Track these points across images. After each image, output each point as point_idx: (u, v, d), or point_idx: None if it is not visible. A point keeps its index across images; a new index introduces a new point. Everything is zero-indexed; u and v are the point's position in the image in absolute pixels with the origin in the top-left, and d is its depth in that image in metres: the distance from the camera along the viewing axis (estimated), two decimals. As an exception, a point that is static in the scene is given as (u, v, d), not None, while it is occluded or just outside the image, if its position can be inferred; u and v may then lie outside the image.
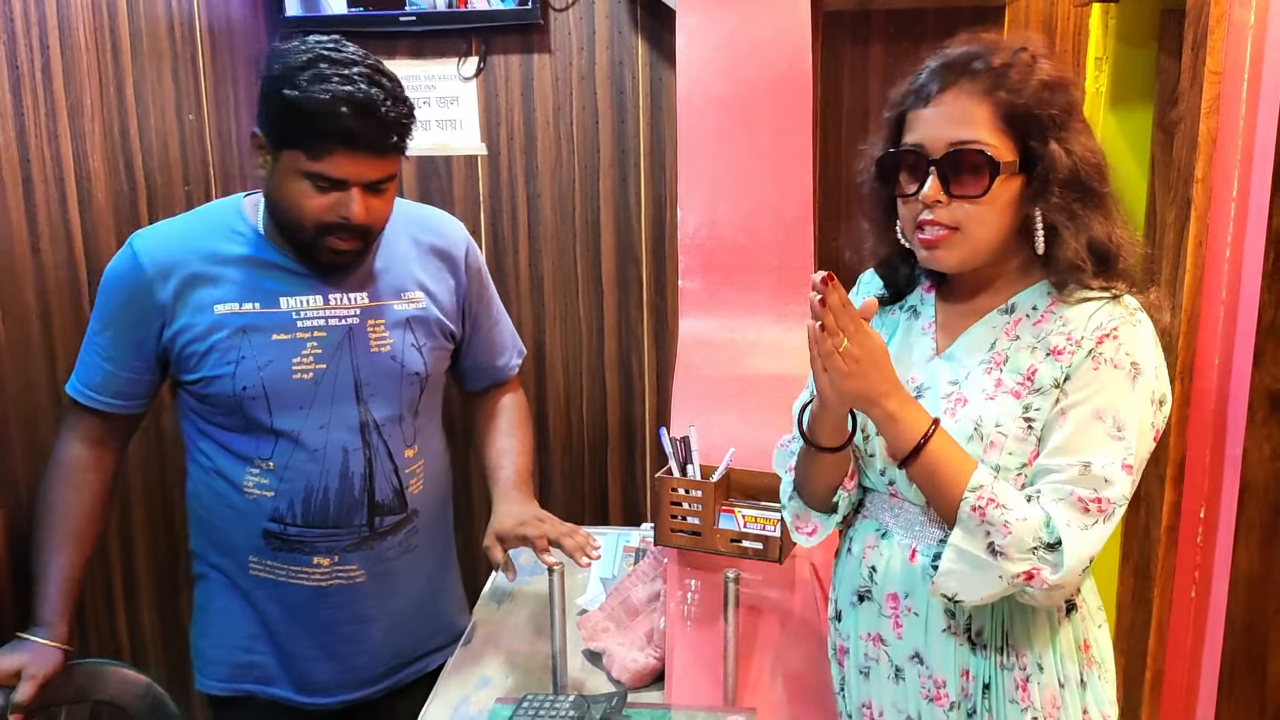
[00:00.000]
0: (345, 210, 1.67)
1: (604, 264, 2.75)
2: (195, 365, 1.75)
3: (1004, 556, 1.28)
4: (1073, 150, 1.30)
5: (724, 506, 1.74)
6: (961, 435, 1.35)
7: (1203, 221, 1.78)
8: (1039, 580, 1.28)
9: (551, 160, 2.72)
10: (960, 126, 1.31)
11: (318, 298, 1.78)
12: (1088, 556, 1.28)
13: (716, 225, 2.01)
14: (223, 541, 1.85)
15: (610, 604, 1.99)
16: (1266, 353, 1.66)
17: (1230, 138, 1.73)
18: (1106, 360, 1.29)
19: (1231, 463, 1.75)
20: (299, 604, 1.84)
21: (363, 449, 1.82)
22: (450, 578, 2.11)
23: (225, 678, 1.91)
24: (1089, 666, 1.41)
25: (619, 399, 2.81)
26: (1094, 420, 1.28)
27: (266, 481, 1.79)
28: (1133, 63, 2.33)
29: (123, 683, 1.84)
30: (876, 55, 2.59)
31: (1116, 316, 1.31)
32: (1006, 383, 1.35)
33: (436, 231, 1.95)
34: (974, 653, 1.40)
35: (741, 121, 2.03)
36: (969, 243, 1.35)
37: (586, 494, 2.88)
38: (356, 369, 1.80)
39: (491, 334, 2.07)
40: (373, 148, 1.65)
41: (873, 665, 1.51)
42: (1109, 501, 1.27)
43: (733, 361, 1.96)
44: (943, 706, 1.43)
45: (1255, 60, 1.68)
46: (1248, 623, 1.74)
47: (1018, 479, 1.33)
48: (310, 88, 1.60)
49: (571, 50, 2.66)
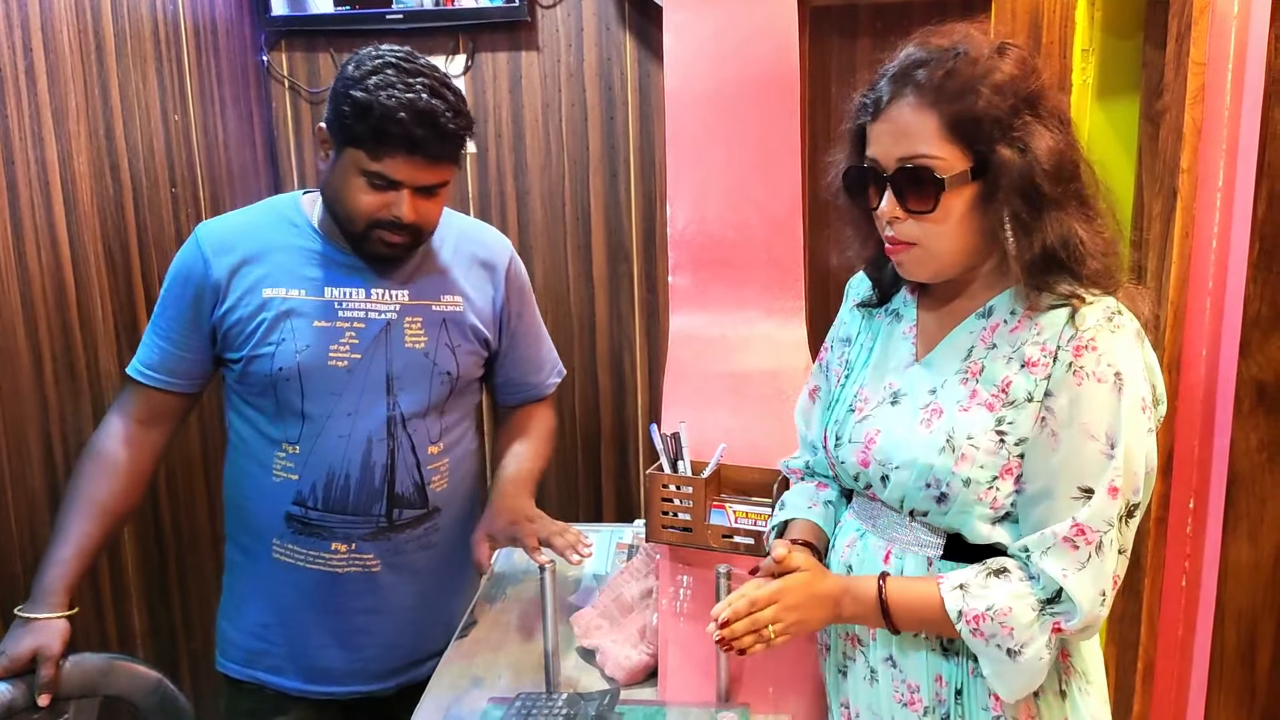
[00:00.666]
0: (396, 210, 1.76)
1: (594, 261, 2.75)
2: (240, 344, 1.83)
3: (1022, 650, 1.29)
4: (1030, 149, 1.25)
5: (715, 502, 1.74)
6: (934, 447, 1.33)
7: (1188, 212, 1.78)
8: (1066, 630, 1.28)
9: (540, 157, 2.72)
10: (907, 141, 1.29)
11: (360, 290, 1.86)
12: (1098, 590, 1.26)
13: (706, 221, 2.01)
14: (251, 523, 1.92)
15: (603, 601, 1.99)
16: (1253, 343, 1.67)
17: (1215, 128, 1.73)
18: (1089, 374, 1.25)
19: (1219, 453, 1.75)
20: (315, 589, 1.90)
21: (387, 440, 1.87)
22: (468, 580, 2.13)
23: (241, 660, 1.97)
24: (1068, 676, 1.38)
25: (611, 396, 2.81)
26: (1086, 440, 1.26)
27: (292, 465, 1.85)
28: (1119, 54, 2.34)
29: (133, 678, 1.84)
30: (864, 49, 2.59)
31: (1091, 325, 1.26)
32: (981, 394, 1.33)
33: (482, 243, 2.03)
34: (946, 658, 1.39)
35: (730, 117, 2.03)
36: (931, 256, 1.33)
37: (580, 491, 2.88)
38: (390, 362, 1.86)
39: (531, 350, 2.12)
40: (430, 155, 1.73)
41: (850, 665, 1.51)
42: (1090, 529, 1.26)
43: (723, 357, 1.96)
44: (916, 711, 1.41)
45: (1239, 50, 1.69)
46: (1237, 612, 1.75)
47: (989, 491, 1.31)
48: (378, 92, 1.70)
49: (560, 47, 2.65)
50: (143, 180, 2.31)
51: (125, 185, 2.26)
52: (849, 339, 1.57)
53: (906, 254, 1.34)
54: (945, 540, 1.38)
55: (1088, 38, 2.41)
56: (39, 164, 2.02)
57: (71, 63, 2.10)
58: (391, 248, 1.81)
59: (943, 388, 1.37)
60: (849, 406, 1.48)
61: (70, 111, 2.10)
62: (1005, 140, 1.26)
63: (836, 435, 1.48)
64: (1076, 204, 1.29)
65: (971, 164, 1.27)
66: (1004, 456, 1.31)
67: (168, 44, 2.40)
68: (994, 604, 1.29)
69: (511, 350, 2.08)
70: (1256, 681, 1.73)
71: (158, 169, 2.36)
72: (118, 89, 2.24)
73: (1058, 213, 1.27)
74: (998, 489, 1.31)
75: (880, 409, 1.43)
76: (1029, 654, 1.28)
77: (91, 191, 2.16)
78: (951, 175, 1.27)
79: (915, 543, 1.40)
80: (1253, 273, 1.66)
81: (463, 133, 1.77)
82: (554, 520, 1.87)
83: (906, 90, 1.29)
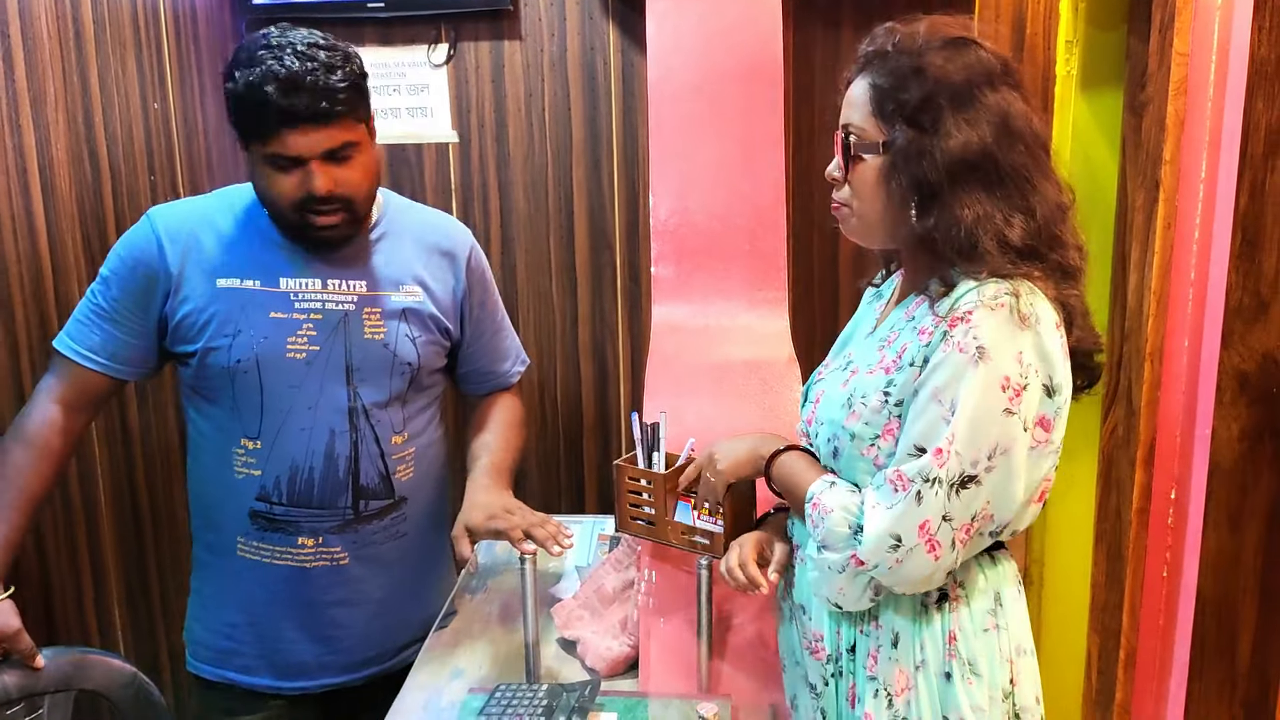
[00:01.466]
0: (309, 185, 1.71)
1: (577, 251, 2.74)
2: (194, 336, 1.80)
3: (827, 549, 1.39)
4: (936, 136, 1.32)
5: (683, 496, 1.73)
6: (839, 403, 1.44)
7: (1171, 203, 1.78)
8: (863, 561, 1.35)
9: (523, 147, 2.71)
10: (849, 111, 1.43)
11: (316, 281, 1.83)
12: (890, 533, 1.32)
13: (689, 211, 2.01)
14: (216, 522, 1.89)
15: (584, 592, 1.99)
16: (1235, 333, 1.67)
17: (1198, 119, 1.73)
18: (955, 343, 1.30)
19: (1201, 443, 1.75)
20: (283, 584, 1.88)
21: (350, 432, 1.85)
22: (442, 569, 2.12)
23: (210, 661, 1.95)
24: (951, 659, 1.40)
25: (593, 387, 2.81)
26: (932, 401, 1.31)
27: (254, 460, 1.83)
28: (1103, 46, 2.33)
29: (108, 672, 1.83)
30: (848, 39, 2.58)
31: (973, 300, 1.30)
32: (885, 358, 1.41)
33: (442, 233, 2.01)
34: (842, 614, 1.46)
35: (713, 107, 2.03)
36: (859, 220, 1.45)
37: (561, 482, 2.87)
38: (349, 353, 1.84)
39: (494, 340, 2.11)
40: (312, 118, 1.68)
41: (782, 606, 1.61)
42: (905, 478, 1.31)
43: (706, 348, 1.95)
44: (820, 660, 1.50)
45: (1223, 42, 1.69)
46: (1218, 602, 1.75)
47: (871, 448, 1.40)
48: (245, 77, 1.67)
49: (542, 36, 2.64)
50: (121, 168, 2.29)
51: (104, 173, 2.24)
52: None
53: (842, 215, 1.47)
54: None
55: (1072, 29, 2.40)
56: (16, 151, 2.00)
57: (50, 49, 2.08)
58: (331, 229, 1.78)
59: (865, 353, 1.47)
60: (816, 373, 1.60)
61: (49, 98, 2.08)
62: (912, 124, 1.34)
63: (804, 396, 1.61)
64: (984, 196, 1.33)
65: (884, 139, 1.37)
66: (885, 415, 1.38)
67: (147, 31, 2.38)
68: (832, 503, 1.40)
69: (475, 340, 2.07)
70: (1237, 670, 1.73)
71: (137, 156, 2.34)
72: (96, 76, 2.21)
73: (946, 200, 1.33)
74: (879, 447, 1.40)
75: (834, 373, 1.53)
76: (828, 557, 1.40)
77: (70, 179, 2.14)
78: (862, 146, 1.40)
79: None
80: (1235, 263, 1.66)
81: (340, 86, 1.69)
82: (534, 511, 1.86)
83: (865, 68, 1.42)
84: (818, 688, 1.51)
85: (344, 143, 1.73)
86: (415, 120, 2.72)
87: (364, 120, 1.78)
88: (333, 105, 1.69)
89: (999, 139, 1.33)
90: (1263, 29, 1.57)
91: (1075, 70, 2.39)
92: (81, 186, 2.17)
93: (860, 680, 1.45)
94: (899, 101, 1.35)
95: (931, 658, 1.40)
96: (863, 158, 1.40)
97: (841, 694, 1.48)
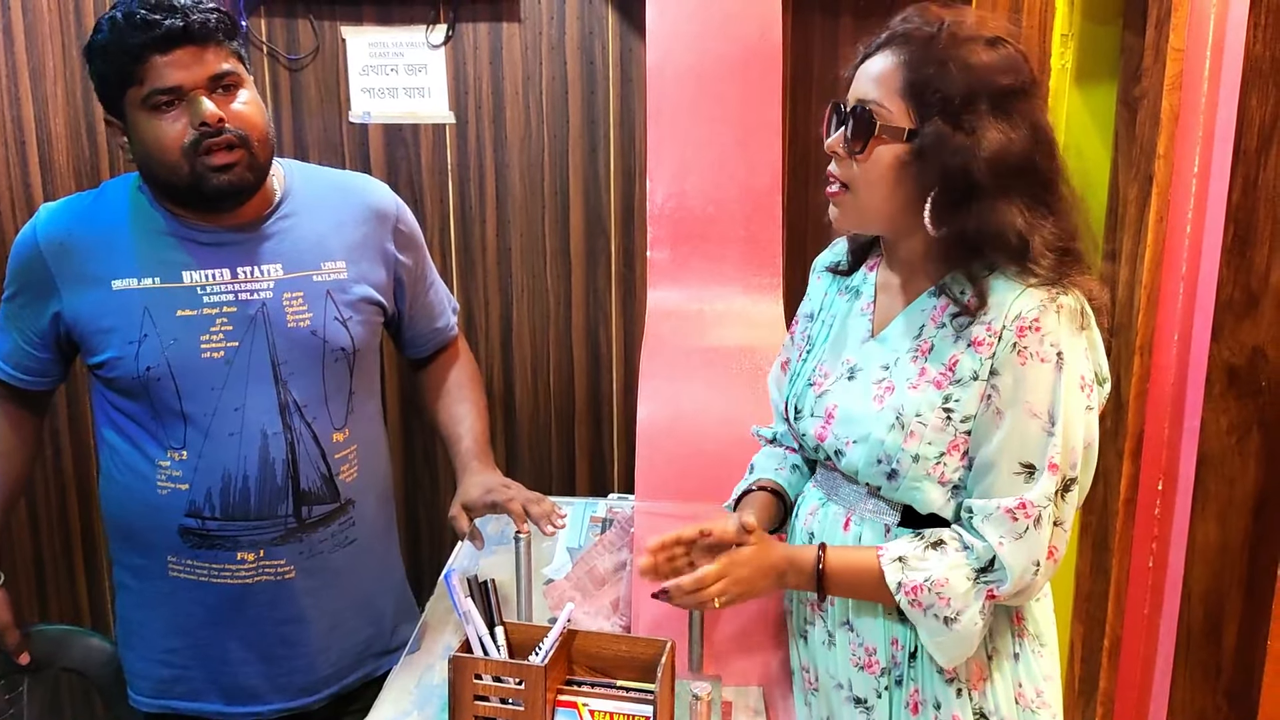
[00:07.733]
0: (198, 117, 1.57)
1: (572, 235, 2.74)
2: (98, 346, 1.67)
3: (958, 617, 1.35)
4: (973, 136, 1.29)
5: (561, 698, 1.31)
6: (884, 423, 1.39)
7: (1164, 197, 1.80)
8: (999, 595, 1.35)
9: (520, 130, 2.71)
10: (870, 86, 1.36)
11: (224, 271, 1.67)
12: (1030, 560, 1.33)
13: (685, 196, 2.02)
14: (139, 542, 1.74)
15: (576, 573, 2.00)
16: (1225, 327, 1.69)
17: (1192, 114, 1.75)
18: (1032, 354, 1.30)
19: (1189, 435, 1.77)
20: (223, 605, 1.73)
21: (284, 433, 1.70)
22: (396, 575, 2.01)
23: (151, 693, 1.81)
24: (1021, 638, 1.45)
25: (586, 370, 2.81)
26: (1029, 418, 1.31)
27: (180, 474, 1.68)
28: (1098, 39, 2.34)
29: (87, 650, 1.83)
30: (846, 27, 2.59)
31: (1035, 305, 1.31)
32: (930, 372, 1.38)
33: (359, 196, 1.84)
34: (901, 621, 1.43)
35: (711, 93, 2.03)
36: (858, 204, 1.39)
37: (553, 465, 2.88)
38: (273, 347, 1.69)
39: (428, 297, 1.98)
40: (186, 40, 1.56)
41: (809, 629, 1.56)
42: (1032, 505, 1.31)
43: (701, 332, 1.96)
44: (873, 674, 1.46)
45: (1217, 37, 1.70)
46: (1204, 592, 1.77)
47: (937, 466, 1.37)
48: (105, 25, 1.58)
49: (541, 19, 2.64)
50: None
51: (101, 148, 2.24)
52: (812, 315, 1.61)
53: (838, 198, 1.41)
54: (901, 509, 1.43)
55: (1067, 22, 2.41)
56: (15, 124, 2.00)
57: (49, 23, 2.07)
58: (229, 169, 1.60)
59: (895, 365, 1.42)
60: (808, 381, 1.53)
61: (48, 72, 2.07)
62: (950, 117, 1.30)
63: (797, 408, 1.53)
64: (1025, 201, 1.32)
65: (913, 126, 1.32)
66: (950, 433, 1.36)
67: (146, 6, 2.37)
68: (931, 575, 1.35)
69: (414, 304, 1.93)
70: (1222, 659, 1.75)
71: (134, 133, 2.34)
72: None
73: (991, 203, 1.31)
74: (945, 464, 1.37)
75: (838, 384, 1.47)
76: (965, 620, 1.35)
77: (68, 153, 2.14)
78: (888, 125, 1.33)
79: (873, 511, 1.45)
80: (1226, 257, 1.67)
81: (209, 10, 1.58)
82: (527, 489, 1.85)
83: (892, 44, 1.35)
84: (869, 701, 1.47)
85: (225, 70, 1.60)
86: (412, 100, 2.72)
87: (243, 62, 1.65)
88: (212, 31, 1.58)
89: (1036, 145, 1.33)
90: (1258, 26, 1.58)
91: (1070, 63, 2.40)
92: (79, 160, 2.17)
93: (927, 684, 1.43)
94: (940, 92, 1.30)
95: (1002, 644, 1.43)
96: (884, 139, 1.34)
97: (898, 702, 1.46)
